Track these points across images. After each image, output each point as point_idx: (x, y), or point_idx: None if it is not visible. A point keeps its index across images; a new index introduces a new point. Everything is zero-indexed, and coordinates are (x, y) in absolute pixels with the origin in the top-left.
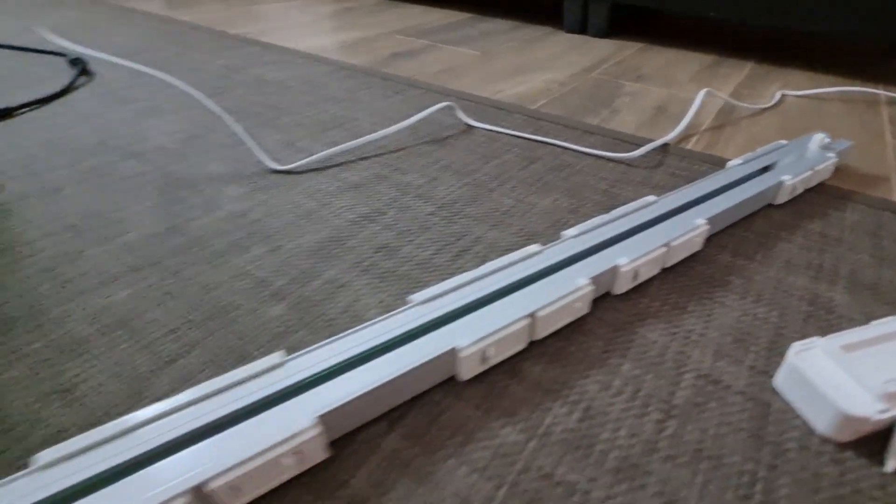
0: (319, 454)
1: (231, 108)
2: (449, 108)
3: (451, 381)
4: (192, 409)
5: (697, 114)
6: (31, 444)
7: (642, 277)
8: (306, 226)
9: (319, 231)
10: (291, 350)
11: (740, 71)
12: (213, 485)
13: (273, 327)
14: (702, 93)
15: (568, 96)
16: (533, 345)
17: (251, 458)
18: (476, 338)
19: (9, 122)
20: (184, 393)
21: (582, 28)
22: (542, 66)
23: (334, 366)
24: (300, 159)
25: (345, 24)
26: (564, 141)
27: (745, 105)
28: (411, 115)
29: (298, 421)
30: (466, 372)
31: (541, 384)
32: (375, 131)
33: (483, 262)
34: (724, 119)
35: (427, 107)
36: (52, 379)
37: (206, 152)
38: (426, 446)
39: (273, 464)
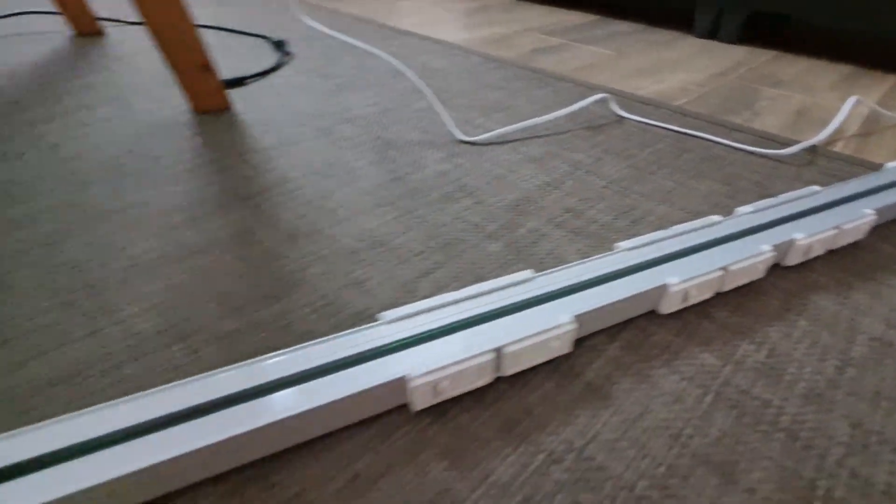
0: (566, 347)
1: (411, 88)
2: (603, 100)
3: (653, 313)
4: (481, 298)
5: (843, 121)
6: (351, 312)
7: (813, 254)
8: (500, 187)
9: (512, 192)
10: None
11: (883, 84)
12: (508, 349)
13: (495, 259)
14: (852, 100)
15: (707, 97)
16: (718, 296)
17: (534, 335)
18: (684, 278)
19: (243, 89)
20: (468, 288)
21: (712, 34)
22: (675, 68)
23: (585, 281)
24: (479, 134)
25: (482, 20)
26: (712, 136)
27: (894, 115)
28: (564, 105)
29: (561, 317)
30: (669, 306)
31: (728, 326)
32: (536, 116)
33: (657, 230)
34: (871, 127)
35: (575, 98)
36: (345, 276)
37: (401, 122)
38: (641, 356)
39: (544, 344)
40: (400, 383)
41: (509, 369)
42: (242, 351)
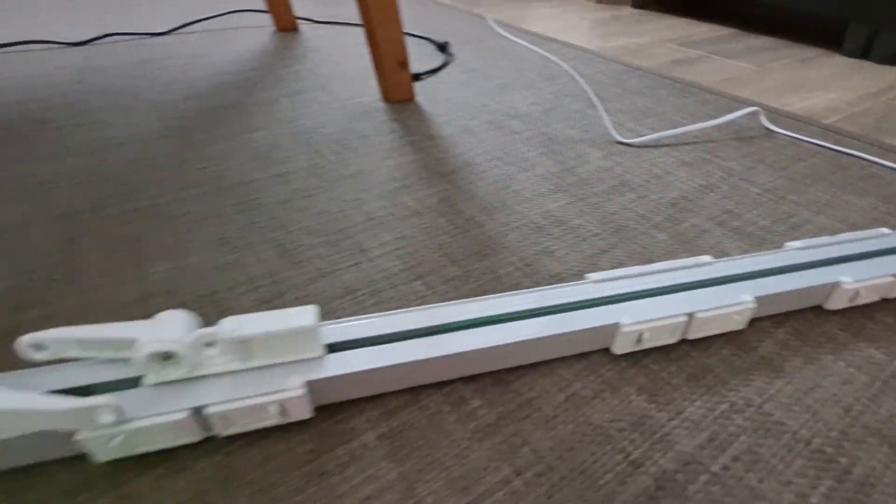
0: (743, 323)
1: (563, 92)
2: (754, 113)
3: (818, 308)
4: (670, 273)
5: None
6: (548, 274)
7: None
8: (660, 185)
9: (672, 191)
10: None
11: None
12: (699, 315)
13: (663, 246)
14: None
15: (859, 116)
16: (884, 301)
17: (721, 307)
18: (857, 279)
19: (419, 84)
20: (657, 264)
21: (864, 53)
22: (823, 86)
23: (762, 270)
24: (633, 137)
25: (616, 30)
26: (869, 155)
27: None
28: (710, 115)
29: (744, 296)
30: (838, 303)
31: (894, 329)
32: (684, 124)
33: (822, 233)
34: None
35: (721, 110)
36: (537, 245)
37: (561, 121)
38: (809, 343)
39: (727, 317)
40: (611, 329)
41: (695, 333)
42: (466, 292)
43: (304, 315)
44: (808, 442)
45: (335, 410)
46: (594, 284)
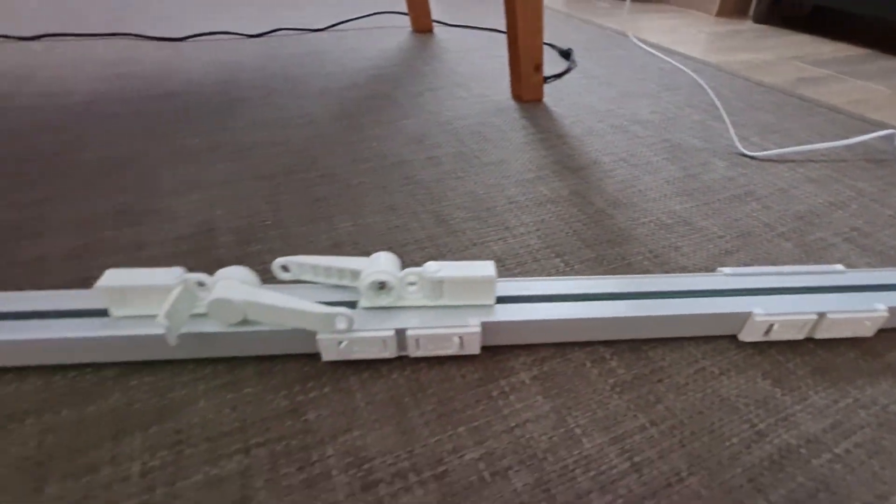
0: (872, 331)
1: (685, 102)
2: (890, 136)
3: None
4: (802, 276)
5: None
6: (676, 266)
7: None
8: (785, 198)
9: (798, 205)
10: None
11: None
12: (830, 316)
13: (788, 255)
14: None
15: None
16: None
17: (853, 311)
18: None
19: (546, 86)
20: (790, 266)
21: None
22: None
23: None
24: (758, 150)
25: (737, 44)
26: None
27: None
28: (838, 134)
29: (877, 305)
30: None
31: None
32: (811, 142)
33: None
34: None
35: (850, 130)
36: (664, 240)
37: (682, 130)
38: None
39: (858, 322)
40: (743, 317)
41: (822, 333)
42: (600, 273)
43: (487, 268)
44: None
45: (497, 352)
46: (726, 277)
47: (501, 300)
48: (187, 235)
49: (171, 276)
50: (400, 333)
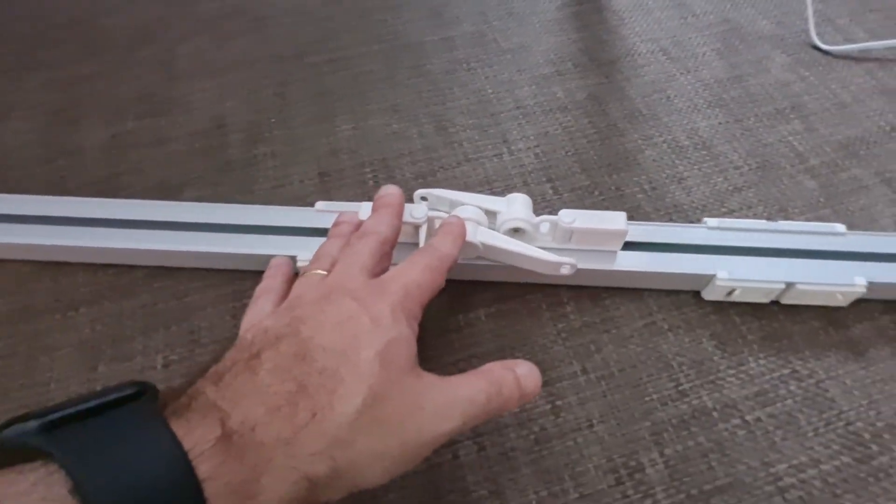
0: (845, 303)
1: None
2: None
3: None
4: (791, 235)
5: None
6: (671, 203)
7: None
8: (840, 117)
9: (851, 127)
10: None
11: None
12: (798, 287)
13: (806, 197)
14: None
15: None
16: None
17: (826, 285)
18: None
19: None
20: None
21: None
22: None
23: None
24: (839, 42)
25: None
26: None
27: None
28: None
29: (857, 279)
30: None
31: None
32: None
33: None
34: None
35: None
36: (671, 168)
37: (753, 5)
38: None
39: (830, 294)
40: (708, 278)
41: (789, 300)
42: (588, 204)
43: (619, 220)
44: (849, 423)
45: (463, 286)
46: (707, 231)
47: None
48: (201, 131)
49: (420, 212)
50: None
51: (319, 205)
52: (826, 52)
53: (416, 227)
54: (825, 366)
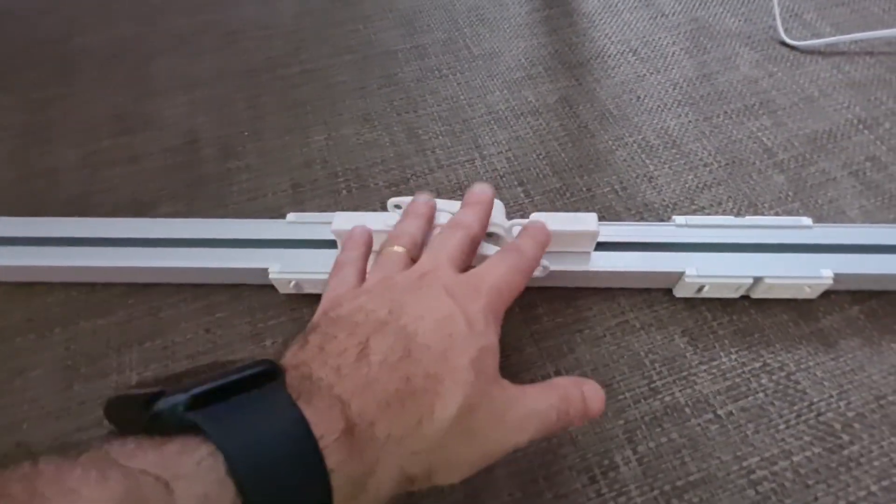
0: (814, 295)
1: None
2: None
3: None
4: (758, 230)
5: None
6: (642, 202)
7: None
8: (808, 111)
9: (819, 121)
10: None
11: None
12: (766, 281)
13: (774, 191)
14: None
15: None
16: None
17: (793, 278)
18: None
19: None
20: (750, 218)
21: None
22: None
23: (858, 245)
24: (806, 38)
25: None
26: None
27: None
28: None
29: (824, 271)
30: None
31: None
32: (886, 22)
33: None
34: None
35: None
36: (642, 167)
37: (725, 3)
38: (879, 326)
39: (798, 287)
40: (677, 276)
41: (759, 294)
42: (560, 206)
43: (590, 221)
44: (820, 414)
45: None
46: (676, 229)
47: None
48: (174, 147)
49: (393, 219)
50: None
51: (290, 216)
52: (793, 48)
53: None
54: (796, 358)
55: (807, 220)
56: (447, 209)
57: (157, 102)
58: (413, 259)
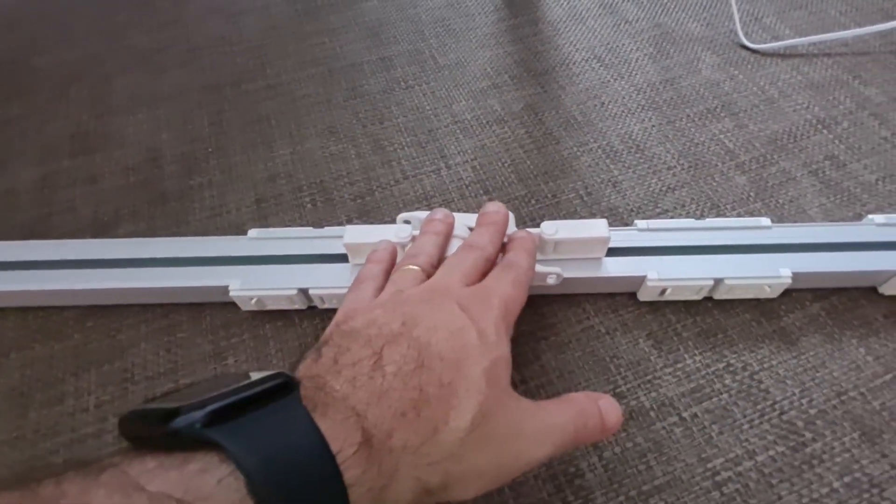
0: (775, 294)
1: None
2: None
3: (873, 289)
4: (718, 232)
5: None
6: (606, 206)
7: None
8: (768, 113)
9: (779, 122)
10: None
11: None
12: (727, 282)
13: (736, 192)
14: None
15: None
16: None
17: (752, 278)
18: None
19: None
20: (710, 220)
21: None
22: None
23: (816, 244)
24: (766, 41)
25: None
26: None
27: None
28: (884, 15)
29: (782, 270)
30: (892, 289)
31: None
32: (843, 24)
33: None
34: None
35: None
36: (606, 172)
37: (686, 8)
38: (839, 323)
39: (758, 287)
40: (640, 280)
41: (721, 295)
42: (524, 213)
43: (601, 228)
44: (783, 412)
45: None
46: (638, 233)
47: None
48: (135, 165)
49: (403, 232)
50: None
51: (252, 232)
52: (754, 51)
53: (403, 247)
54: (758, 357)
55: (766, 221)
56: (466, 223)
57: (118, 121)
58: (429, 276)
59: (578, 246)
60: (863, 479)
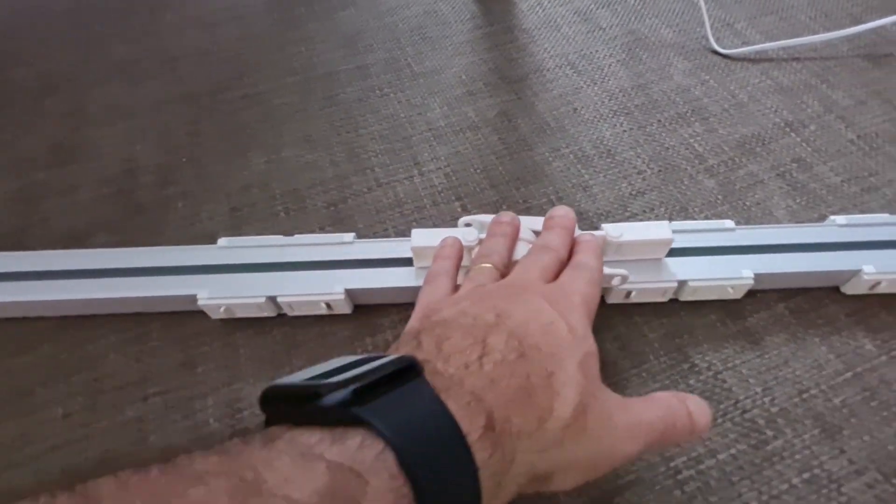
0: (739, 295)
1: None
2: None
3: (836, 289)
4: (685, 234)
5: None
6: (577, 211)
7: None
8: (738, 117)
9: (748, 126)
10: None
11: None
12: (690, 284)
13: (704, 196)
14: None
15: None
16: None
17: (715, 279)
18: (882, 271)
19: None
20: (677, 223)
21: None
22: None
23: (778, 245)
24: (737, 46)
25: None
26: None
27: None
28: (852, 20)
29: (744, 272)
30: (854, 289)
31: None
32: (812, 29)
33: (884, 209)
34: None
35: (875, 11)
36: (577, 177)
37: (658, 15)
38: (803, 322)
39: (721, 288)
40: (606, 282)
41: (686, 297)
42: None
43: (664, 230)
44: (745, 411)
45: (371, 311)
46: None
47: (369, 263)
48: (111, 177)
49: (470, 235)
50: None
51: (222, 241)
52: (725, 56)
53: (469, 250)
54: (723, 357)
55: (729, 223)
56: (529, 225)
57: (94, 132)
58: (503, 275)
59: (642, 248)
60: (822, 475)
